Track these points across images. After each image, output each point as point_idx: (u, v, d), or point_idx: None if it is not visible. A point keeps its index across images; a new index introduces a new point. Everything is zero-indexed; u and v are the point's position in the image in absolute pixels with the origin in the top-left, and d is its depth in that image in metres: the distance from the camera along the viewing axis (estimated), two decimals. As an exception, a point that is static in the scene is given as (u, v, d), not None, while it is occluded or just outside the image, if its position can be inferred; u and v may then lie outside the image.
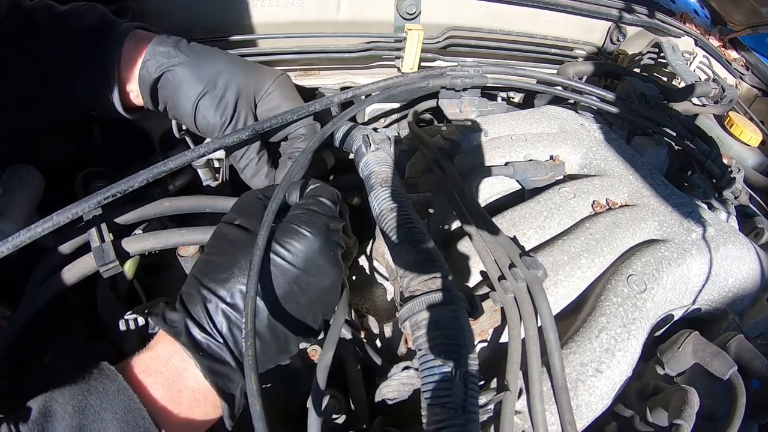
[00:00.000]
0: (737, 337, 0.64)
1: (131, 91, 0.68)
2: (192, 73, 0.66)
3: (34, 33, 0.61)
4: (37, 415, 0.39)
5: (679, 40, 1.41)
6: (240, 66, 0.70)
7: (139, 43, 0.66)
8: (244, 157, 0.72)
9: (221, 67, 0.68)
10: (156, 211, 0.71)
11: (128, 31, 0.65)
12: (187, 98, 0.66)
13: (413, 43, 1.00)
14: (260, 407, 0.41)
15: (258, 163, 0.73)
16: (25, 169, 0.68)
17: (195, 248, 0.82)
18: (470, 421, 0.44)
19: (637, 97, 1.09)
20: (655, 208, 0.83)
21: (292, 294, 0.49)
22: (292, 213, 0.53)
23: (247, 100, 0.69)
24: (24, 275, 0.64)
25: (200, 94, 0.66)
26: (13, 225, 0.61)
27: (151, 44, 0.65)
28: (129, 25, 0.66)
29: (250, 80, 0.70)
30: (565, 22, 1.27)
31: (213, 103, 0.66)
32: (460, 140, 0.93)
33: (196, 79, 0.66)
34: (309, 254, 0.49)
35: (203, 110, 0.66)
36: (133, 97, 0.68)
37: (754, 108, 1.50)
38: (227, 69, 0.68)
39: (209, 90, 0.66)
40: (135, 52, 0.65)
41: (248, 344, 0.43)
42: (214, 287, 0.47)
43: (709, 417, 0.60)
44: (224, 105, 0.67)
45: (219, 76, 0.67)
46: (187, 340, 0.45)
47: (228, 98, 0.67)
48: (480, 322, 0.61)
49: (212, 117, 0.67)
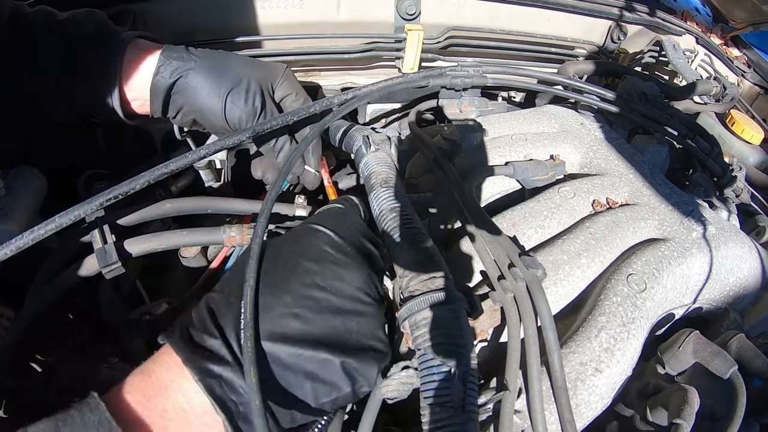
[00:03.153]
0: (738, 336, 0.63)
1: (134, 99, 0.68)
2: (211, 73, 0.68)
3: (35, 40, 0.62)
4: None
5: (681, 38, 1.41)
6: (253, 62, 0.73)
7: (142, 52, 0.66)
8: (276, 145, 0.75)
9: (236, 65, 0.70)
10: (158, 212, 0.71)
11: (129, 40, 0.66)
12: (213, 96, 0.67)
13: (413, 44, 1.01)
14: (259, 402, 0.39)
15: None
16: (28, 170, 0.69)
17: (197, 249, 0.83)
18: (469, 420, 0.45)
19: (638, 96, 1.09)
20: (655, 207, 0.83)
21: (307, 291, 0.45)
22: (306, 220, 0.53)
23: (268, 91, 0.72)
24: (27, 277, 0.64)
25: (228, 90, 0.68)
26: (16, 226, 0.62)
27: (163, 51, 0.67)
28: (130, 33, 0.67)
29: (266, 74, 0.73)
30: (566, 21, 1.27)
31: (241, 96, 0.68)
32: (460, 140, 0.93)
33: (219, 77, 0.68)
34: (318, 245, 0.48)
35: (233, 104, 0.68)
36: (136, 106, 0.69)
37: (755, 106, 1.50)
38: (242, 65, 0.71)
39: (235, 85, 0.68)
40: (138, 61, 0.66)
41: (248, 335, 0.40)
42: (222, 287, 0.46)
43: (710, 416, 0.60)
44: (252, 96, 0.69)
45: (238, 72, 0.69)
46: (179, 339, 0.41)
47: (254, 90, 0.69)
48: (479, 322, 0.61)
49: (245, 108, 0.69)
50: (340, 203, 0.58)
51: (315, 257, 0.47)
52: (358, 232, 0.53)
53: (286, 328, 0.43)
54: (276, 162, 0.78)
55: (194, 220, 0.81)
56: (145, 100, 0.68)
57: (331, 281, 0.46)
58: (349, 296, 0.46)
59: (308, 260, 0.47)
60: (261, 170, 0.81)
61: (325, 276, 0.46)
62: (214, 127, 0.72)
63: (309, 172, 0.78)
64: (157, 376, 0.41)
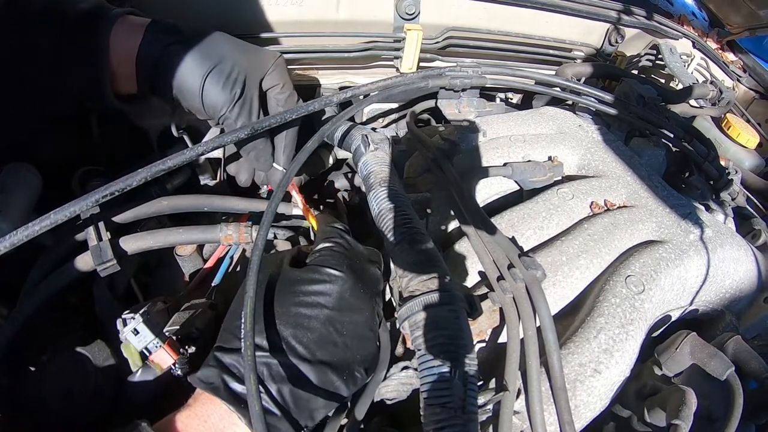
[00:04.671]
0: (735, 338, 0.64)
1: (122, 76, 0.66)
2: (197, 51, 0.64)
3: (32, 19, 0.60)
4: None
5: (677, 42, 1.42)
6: (242, 46, 0.69)
7: (130, 28, 0.64)
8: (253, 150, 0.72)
9: (225, 46, 0.66)
10: (154, 209, 0.71)
11: (119, 16, 0.64)
12: (193, 75, 0.64)
13: (412, 43, 1.00)
14: (259, 408, 0.41)
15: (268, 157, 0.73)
16: (22, 167, 0.68)
17: (193, 247, 0.82)
18: (469, 421, 0.45)
19: (635, 99, 1.10)
20: (653, 210, 0.84)
21: (329, 336, 0.50)
22: (316, 256, 0.56)
23: (253, 78, 0.68)
24: (21, 274, 0.63)
25: (208, 71, 0.64)
26: (10, 223, 0.61)
27: (150, 24, 0.64)
28: (120, 10, 0.65)
29: (254, 59, 0.69)
30: (564, 24, 1.27)
31: (221, 79, 0.64)
32: (458, 140, 0.93)
33: (202, 56, 0.64)
34: (341, 293, 0.51)
35: (211, 87, 0.64)
36: (124, 83, 0.67)
37: (751, 110, 1.51)
38: (231, 47, 0.67)
39: (217, 66, 0.64)
40: (126, 37, 0.63)
41: (247, 344, 0.43)
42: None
43: (707, 417, 0.60)
44: (232, 81, 0.65)
45: (225, 53, 0.65)
46: (227, 395, 0.45)
47: (236, 75, 0.65)
48: (479, 323, 0.61)
49: (221, 93, 0.65)
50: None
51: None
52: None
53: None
54: (247, 163, 0.75)
55: (190, 219, 0.80)
56: (132, 77, 0.65)
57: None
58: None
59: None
60: (234, 169, 0.80)
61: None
62: (195, 109, 0.68)
63: (276, 170, 0.75)
64: (213, 422, 0.46)
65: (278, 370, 0.47)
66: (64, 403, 0.58)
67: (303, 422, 0.48)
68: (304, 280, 0.52)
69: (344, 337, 0.50)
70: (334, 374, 0.49)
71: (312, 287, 0.51)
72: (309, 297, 0.51)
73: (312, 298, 0.51)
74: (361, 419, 0.52)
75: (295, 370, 0.47)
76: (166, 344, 0.59)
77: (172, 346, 0.59)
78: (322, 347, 0.49)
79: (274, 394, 0.46)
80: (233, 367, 0.47)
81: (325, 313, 0.50)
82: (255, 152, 0.72)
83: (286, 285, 0.52)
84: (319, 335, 0.49)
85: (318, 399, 0.48)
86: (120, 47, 0.63)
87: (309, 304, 0.50)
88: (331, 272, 0.52)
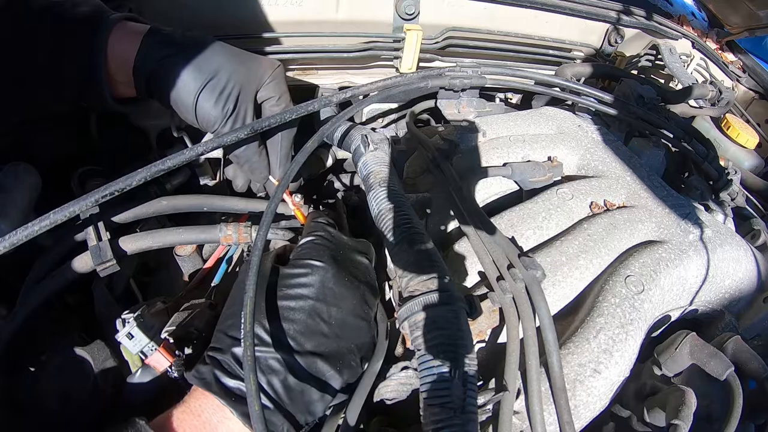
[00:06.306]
0: (734, 338, 0.64)
1: (120, 82, 0.65)
2: (192, 65, 0.63)
3: (30, 19, 0.60)
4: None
5: (677, 42, 1.42)
6: (239, 56, 0.68)
7: (128, 35, 0.64)
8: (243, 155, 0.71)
9: (221, 58, 0.65)
10: (153, 209, 0.71)
11: (116, 21, 0.63)
12: (187, 91, 0.63)
13: (412, 44, 1.00)
14: (259, 408, 0.41)
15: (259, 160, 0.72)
16: (22, 167, 0.68)
17: (192, 247, 0.82)
18: (469, 421, 0.45)
19: (635, 99, 1.10)
20: (652, 210, 0.84)
21: (315, 326, 0.50)
22: (298, 250, 0.57)
23: (248, 91, 0.67)
24: (20, 274, 0.63)
25: (201, 86, 0.63)
26: (9, 223, 0.61)
27: (146, 35, 0.64)
28: (118, 15, 0.64)
29: (251, 72, 0.68)
30: (563, 24, 1.27)
31: (214, 95, 0.64)
32: (458, 141, 0.93)
33: (197, 70, 0.63)
34: (323, 282, 0.52)
35: (204, 102, 0.64)
36: (123, 88, 0.66)
37: (750, 110, 1.51)
38: (228, 60, 0.66)
39: (210, 81, 0.64)
40: (123, 43, 0.63)
41: (247, 344, 0.44)
42: (239, 334, 0.49)
43: (706, 417, 0.60)
44: (226, 97, 0.65)
45: (220, 67, 0.65)
46: (219, 389, 0.46)
47: (229, 90, 0.65)
48: (478, 323, 0.61)
49: (213, 110, 0.64)
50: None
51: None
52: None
53: None
54: (243, 168, 0.74)
55: (189, 219, 0.80)
56: (130, 82, 0.65)
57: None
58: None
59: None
60: (231, 172, 0.79)
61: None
62: (189, 122, 0.68)
63: (272, 183, 0.75)
64: (207, 416, 0.47)
65: (267, 362, 0.48)
66: (62, 403, 0.58)
67: (301, 417, 0.49)
68: (286, 275, 0.54)
69: (332, 327, 0.51)
70: (325, 364, 0.50)
71: (293, 280, 0.53)
72: (291, 290, 0.52)
73: (294, 290, 0.52)
74: (359, 409, 0.52)
75: (284, 361, 0.48)
76: (161, 347, 0.59)
77: (168, 349, 0.59)
78: (309, 338, 0.50)
79: (264, 386, 0.47)
80: (225, 364, 0.48)
81: (309, 304, 0.51)
82: (249, 165, 0.72)
83: (270, 282, 0.53)
84: (305, 326, 0.50)
85: (311, 390, 0.49)
86: (117, 55, 0.63)
87: (292, 297, 0.51)
88: (310, 263, 0.53)
